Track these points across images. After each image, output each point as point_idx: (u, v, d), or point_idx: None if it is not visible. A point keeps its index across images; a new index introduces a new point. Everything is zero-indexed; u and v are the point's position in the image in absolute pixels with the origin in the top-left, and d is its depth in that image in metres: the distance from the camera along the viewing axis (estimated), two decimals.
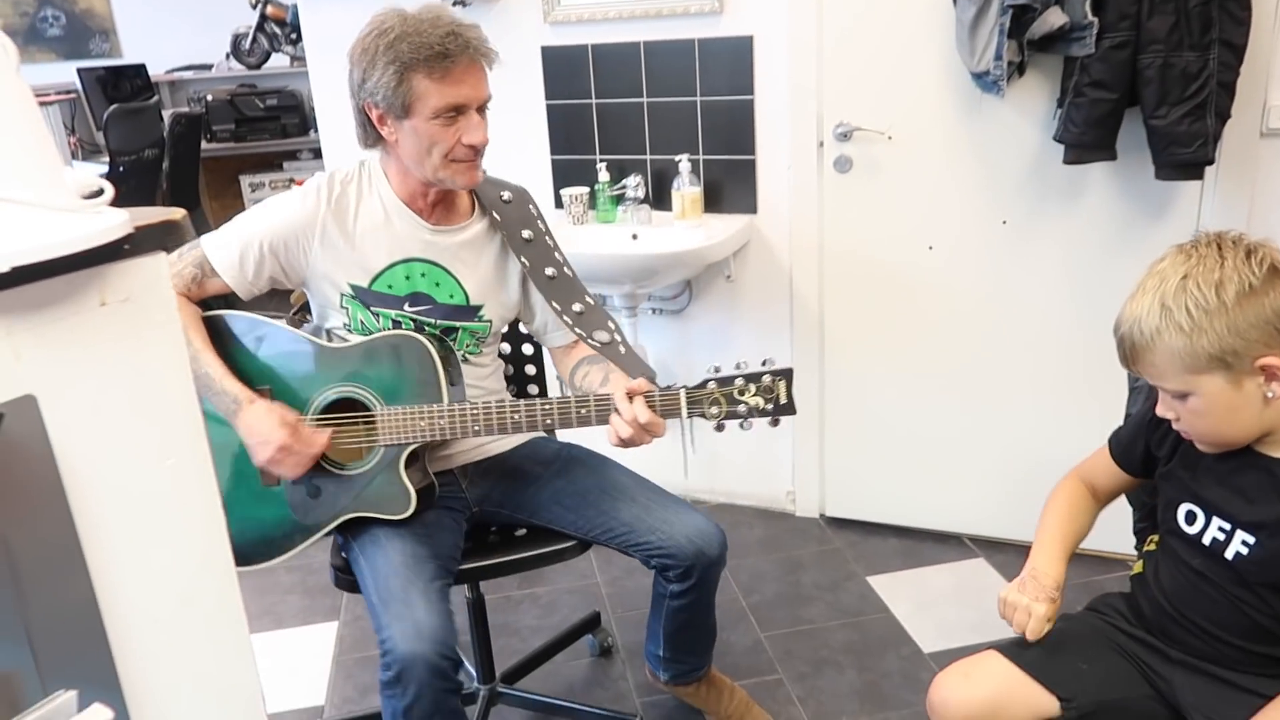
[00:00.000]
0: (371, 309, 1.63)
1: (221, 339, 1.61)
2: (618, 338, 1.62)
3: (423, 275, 1.64)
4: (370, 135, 1.58)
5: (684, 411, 1.46)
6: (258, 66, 5.38)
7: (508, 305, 1.73)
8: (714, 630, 1.82)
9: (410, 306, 1.64)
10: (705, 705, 1.92)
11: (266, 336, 1.61)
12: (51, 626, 0.74)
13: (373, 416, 1.56)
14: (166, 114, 4.80)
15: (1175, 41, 1.91)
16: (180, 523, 0.85)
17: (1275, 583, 1.14)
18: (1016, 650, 1.27)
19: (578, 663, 2.20)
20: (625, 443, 1.47)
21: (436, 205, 1.64)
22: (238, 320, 1.62)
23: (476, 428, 1.54)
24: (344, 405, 1.58)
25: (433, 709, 1.45)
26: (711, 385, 1.46)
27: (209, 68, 5.52)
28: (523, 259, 1.66)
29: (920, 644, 2.18)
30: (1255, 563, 1.15)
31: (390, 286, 1.63)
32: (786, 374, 1.46)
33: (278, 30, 5.19)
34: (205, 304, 1.64)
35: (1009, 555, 2.49)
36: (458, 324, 1.67)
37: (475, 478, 1.75)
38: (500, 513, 1.76)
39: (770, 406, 1.46)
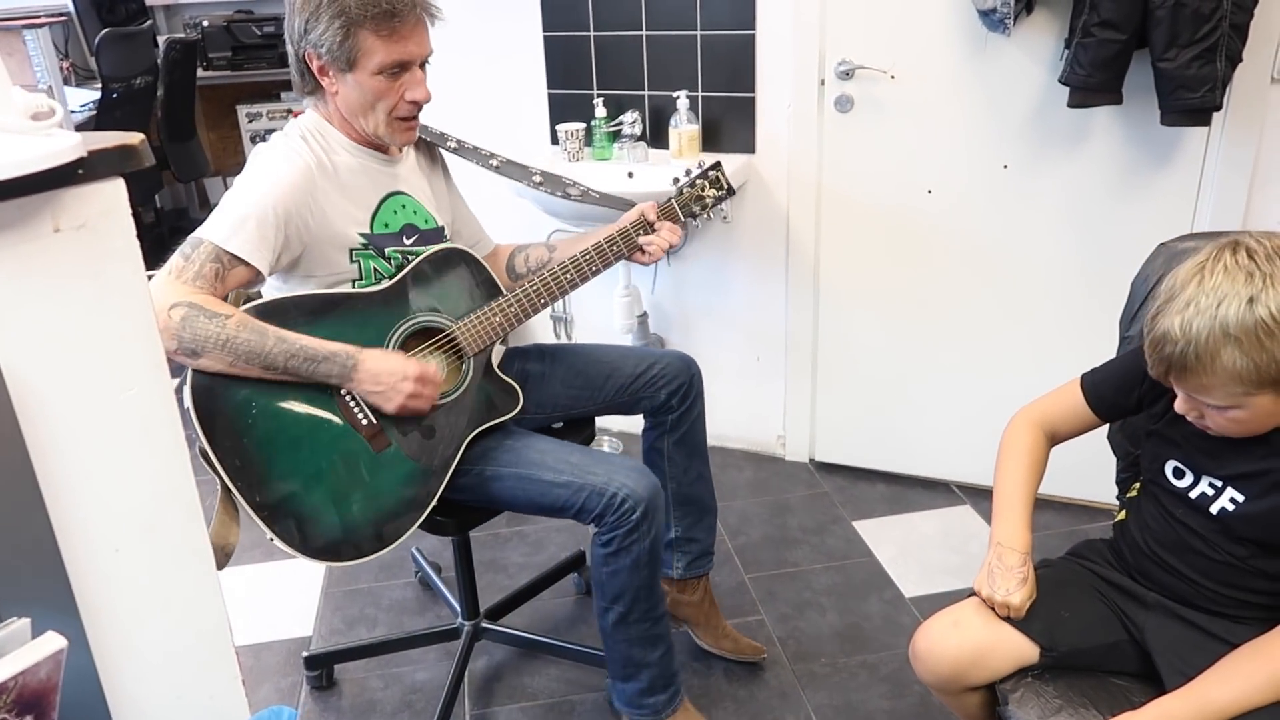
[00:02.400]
0: (385, 251, 1.60)
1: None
2: (583, 187, 1.84)
3: (403, 206, 1.65)
4: (309, 83, 1.54)
5: (681, 215, 1.74)
6: None
7: (459, 217, 1.83)
8: (714, 506, 1.96)
9: (407, 239, 1.64)
10: (704, 617, 1.98)
11: (310, 307, 1.50)
12: (3, 554, 0.74)
13: (451, 333, 1.59)
14: (161, 40, 4.70)
15: None
16: (142, 453, 0.85)
17: (1259, 538, 1.15)
18: None
19: (562, 600, 2.22)
20: (657, 252, 1.70)
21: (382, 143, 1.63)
22: (270, 307, 1.48)
23: (542, 300, 1.63)
24: (415, 339, 1.58)
25: (661, 546, 1.62)
26: (686, 190, 1.74)
27: None
28: (472, 161, 1.80)
29: (902, 588, 2.20)
30: (1240, 518, 1.16)
31: (387, 225, 1.62)
32: (717, 164, 1.78)
33: None
34: None
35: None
36: (436, 246, 1.67)
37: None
38: (531, 418, 1.82)
39: (723, 193, 1.78)
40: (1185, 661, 1.15)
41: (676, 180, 1.77)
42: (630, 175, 2.49)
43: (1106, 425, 1.40)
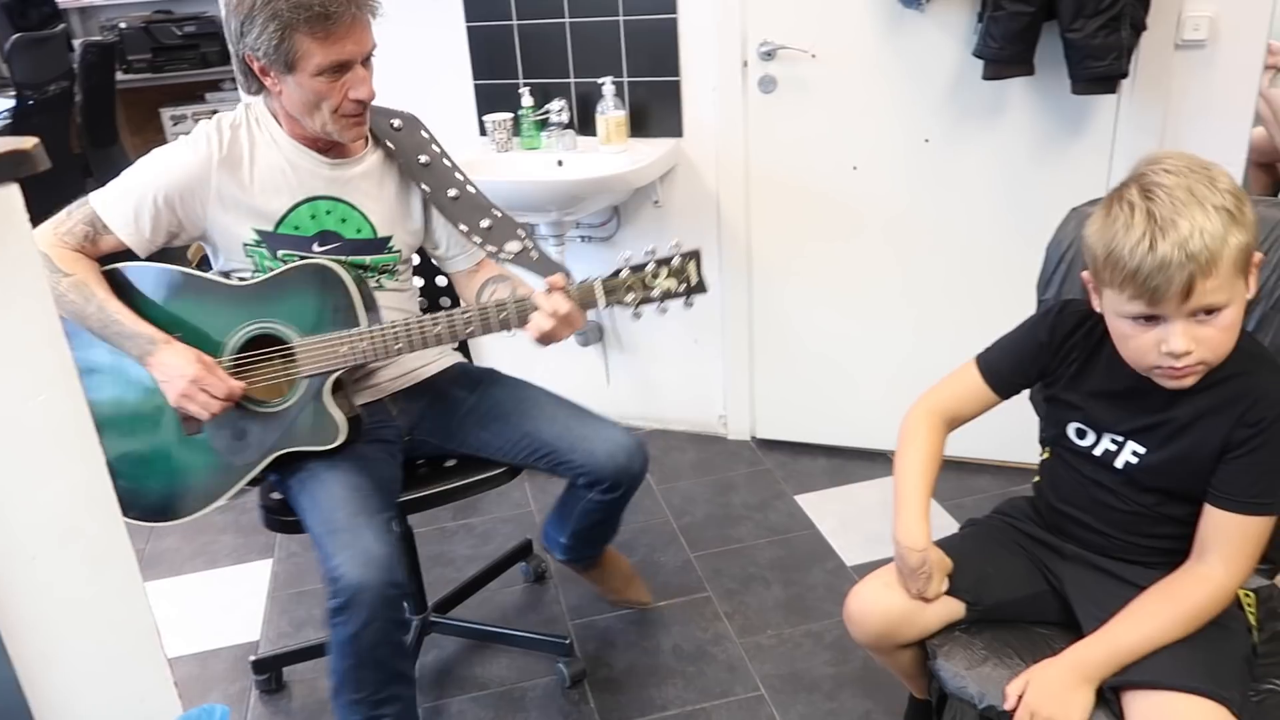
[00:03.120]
0: (278, 253, 1.59)
1: (124, 292, 1.56)
2: (529, 244, 1.63)
3: (328, 213, 1.61)
4: (253, 84, 1.54)
5: (601, 301, 1.49)
6: None
7: (414, 233, 1.71)
8: (619, 525, 1.88)
9: (319, 246, 1.61)
10: (596, 578, 2.03)
11: (171, 283, 1.58)
12: None
13: (291, 349, 1.54)
14: (76, 43, 4.58)
15: None
16: (54, 459, 0.84)
17: (1163, 486, 1.20)
18: None
19: (511, 589, 2.23)
20: (547, 337, 1.48)
21: (332, 143, 1.59)
22: (139, 270, 1.57)
23: (398, 345, 1.53)
24: (260, 343, 1.56)
25: (380, 639, 1.47)
26: (625, 273, 1.48)
27: None
28: (423, 185, 1.65)
29: (844, 558, 2.24)
30: (1144, 470, 1.20)
31: (297, 228, 1.59)
32: (695, 254, 1.49)
33: None
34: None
35: None
36: (368, 257, 1.65)
37: (405, 405, 1.75)
38: (429, 442, 1.77)
39: (683, 288, 1.49)
40: (1101, 608, 1.20)
41: (628, 258, 1.50)
42: (560, 163, 2.49)
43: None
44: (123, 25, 5.00)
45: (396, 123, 1.68)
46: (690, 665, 1.96)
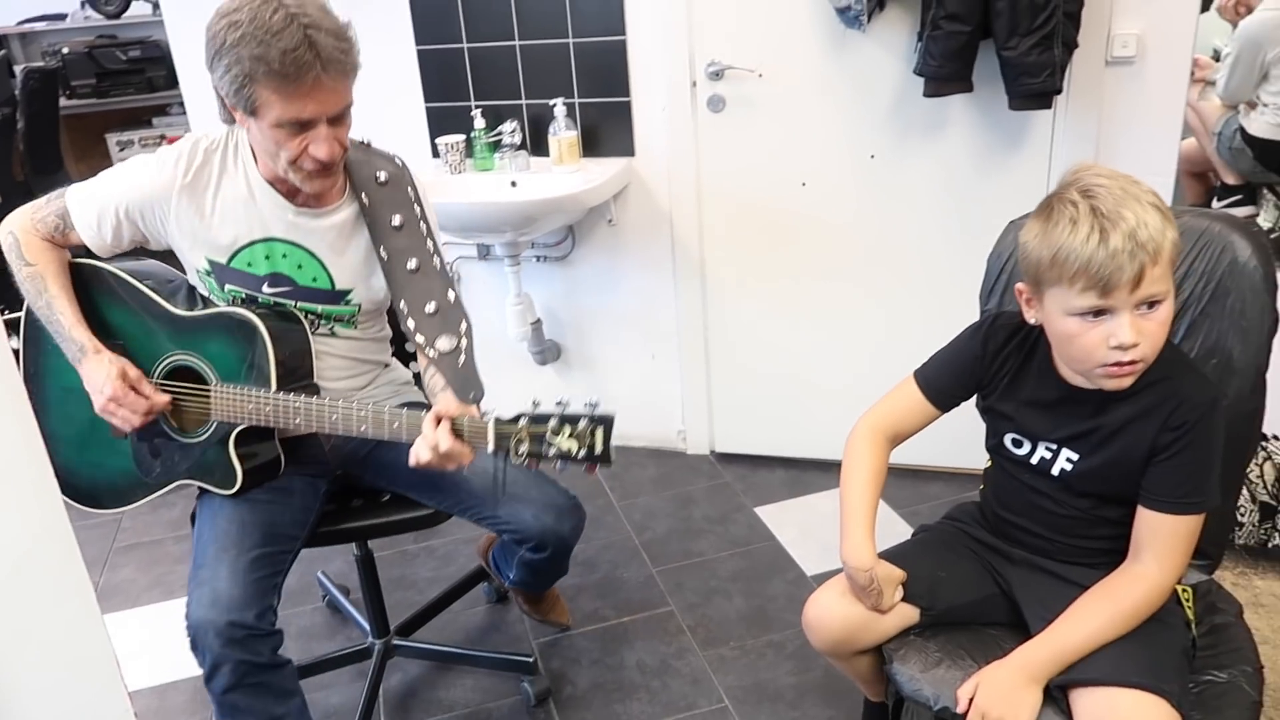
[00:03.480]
0: (226, 286, 1.58)
1: (87, 289, 1.61)
2: (462, 344, 1.54)
3: (284, 256, 1.57)
4: (226, 115, 1.50)
5: (490, 445, 1.37)
6: (117, 15, 5.07)
7: (378, 290, 1.64)
8: (567, 567, 1.81)
9: (270, 287, 1.58)
10: (526, 599, 2.08)
11: (127, 294, 1.61)
12: None
13: (208, 390, 1.54)
14: (18, 69, 4.50)
15: None
16: (8, 490, 0.83)
17: (1097, 491, 1.25)
18: None
19: (474, 610, 2.22)
20: (426, 466, 1.41)
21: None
22: (104, 273, 1.61)
23: (297, 420, 1.49)
24: (190, 373, 1.57)
25: (232, 682, 1.44)
26: (523, 422, 1.35)
27: (63, 18, 5.18)
28: (383, 251, 1.57)
29: (804, 568, 2.27)
30: (1079, 476, 1.25)
31: (250, 265, 1.56)
32: (606, 421, 1.32)
33: None
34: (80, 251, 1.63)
35: (889, 480, 2.58)
36: (320, 306, 1.61)
37: (338, 443, 1.72)
38: (363, 478, 1.75)
39: (583, 454, 1.33)
40: (1047, 608, 1.24)
41: (536, 404, 1.37)
42: (514, 184, 2.51)
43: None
44: (65, 51, 4.93)
45: (382, 176, 1.60)
46: (654, 680, 1.97)
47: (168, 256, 1.68)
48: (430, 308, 1.56)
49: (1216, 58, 3.62)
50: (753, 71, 2.37)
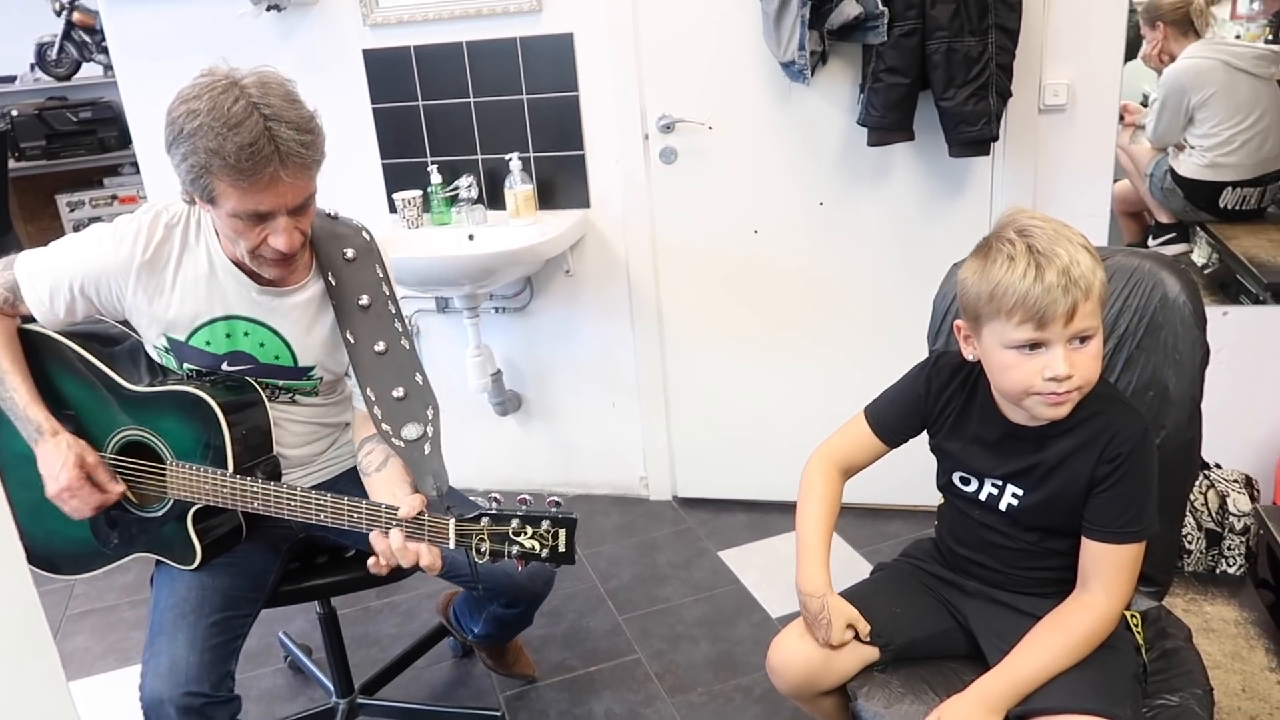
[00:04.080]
0: (184, 365, 1.55)
1: (39, 357, 1.56)
2: (429, 431, 1.50)
3: (245, 334, 1.54)
4: (187, 196, 1.44)
5: (451, 542, 1.38)
6: (68, 77, 5.06)
7: (342, 364, 1.61)
8: (531, 620, 1.83)
9: (229, 365, 1.55)
10: (490, 654, 2.05)
11: (79, 364, 1.56)
12: None
13: (164, 468, 1.51)
14: None
15: (957, 28, 2.07)
16: None
17: (1043, 524, 1.29)
18: None
19: (439, 666, 2.20)
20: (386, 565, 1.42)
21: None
22: (56, 343, 1.57)
23: (255, 504, 1.47)
24: (140, 449, 1.54)
25: None
26: (484, 521, 1.36)
27: (12, 80, 5.16)
28: (349, 335, 1.53)
29: (769, 610, 2.29)
30: (1025, 510, 1.30)
31: (208, 343, 1.53)
32: (569, 523, 1.34)
33: (87, 38, 4.90)
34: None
35: (848, 519, 2.62)
36: (281, 381, 1.60)
37: None
38: (328, 538, 1.71)
39: (545, 554, 1.35)
40: (1002, 639, 1.27)
41: (497, 500, 1.37)
42: (471, 238, 2.54)
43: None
44: (15, 113, 4.91)
45: (350, 253, 1.56)
46: None
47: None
48: (398, 393, 1.51)
49: (1145, 103, 3.78)
50: (703, 124, 2.44)
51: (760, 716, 1.96)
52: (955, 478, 1.36)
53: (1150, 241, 3.50)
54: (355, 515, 1.43)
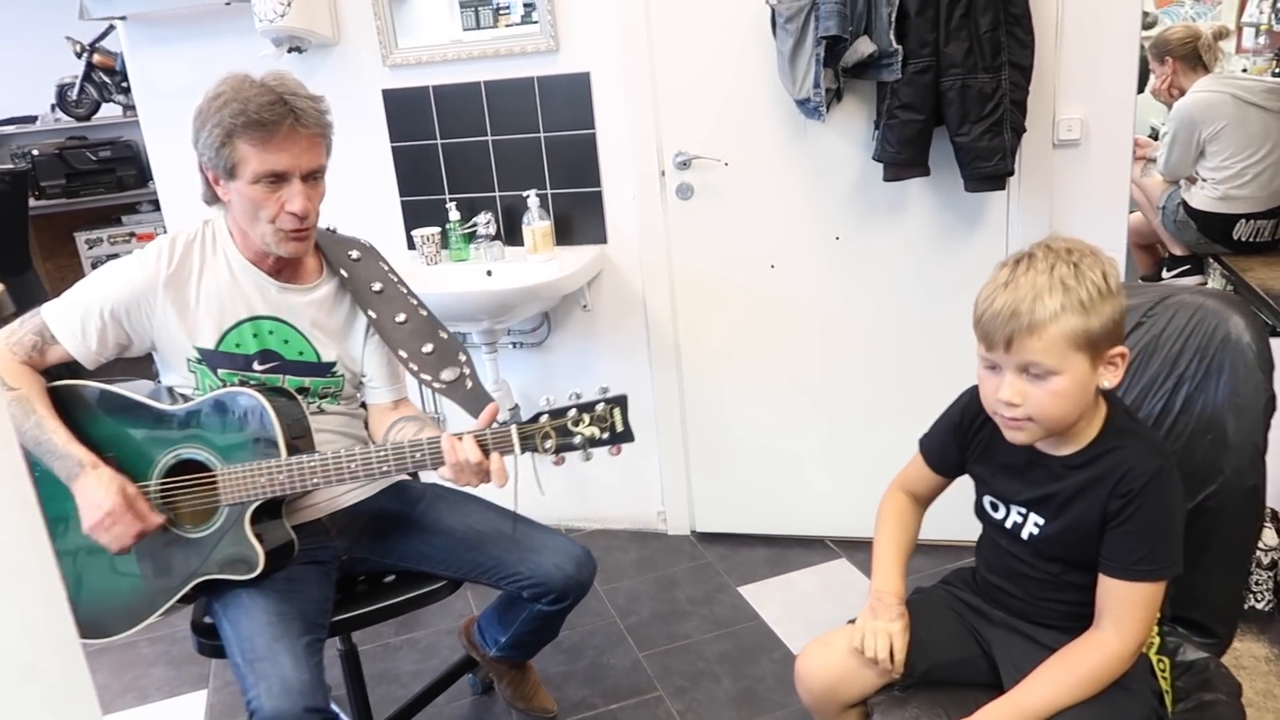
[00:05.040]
0: (218, 372, 1.61)
1: (65, 409, 1.57)
2: (466, 371, 1.63)
3: (270, 333, 1.63)
4: (209, 193, 1.59)
5: (517, 448, 1.45)
6: (87, 117, 5.14)
7: (357, 360, 1.72)
8: (559, 631, 1.88)
9: (259, 365, 1.63)
10: (510, 683, 2.05)
11: (108, 403, 1.59)
12: None
13: (214, 477, 1.54)
14: None
15: (971, 65, 2.09)
16: (16, 597, 0.84)
17: (1062, 555, 1.29)
18: None
19: (459, 703, 2.19)
20: (458, 480, 1.48)
21: (284, 266, 1.64)
22: (80, 390, 1.59)
23: (315, 480, 1.52)
24: (189, 466, 1.56)
25: None
26: (544, 419, 1.44)
27: (33, 120, 5.24)
28: (370, 312, 1.66)
29: (790, 646, 2.27)
30: (1046, 540, 1.29)
31: (238, 345, 1.61)
32: (620, 400, 1.44)
33: (107, 79, 4.98)
34: (51, 374, 1.60)
35: (867, 553, 2.57)
36: (308, 380, 1.67)
37: (343, 525, 1.74)
38: (370, 559, 1.76)
39: (606, 435, 1.43)
40: (1020, 669, 1.27)
41: (549, 400, 1.47)
42: (489, 274, 2.56)
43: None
44: (35, 153, 4.98)
45: (354, 254, 1.71)
46: None
47: (142, 367, 1.69)
48: (427, 348, 1.64)
49: (1154, 136, 3.82)
50: (719, 160, 2.47)
51: None
52: (986, 503, 1.37)
53: (1165, 274, 3.51)
54: (418, 454, 1.49)
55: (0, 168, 4.65)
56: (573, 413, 1.43)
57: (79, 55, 4.86)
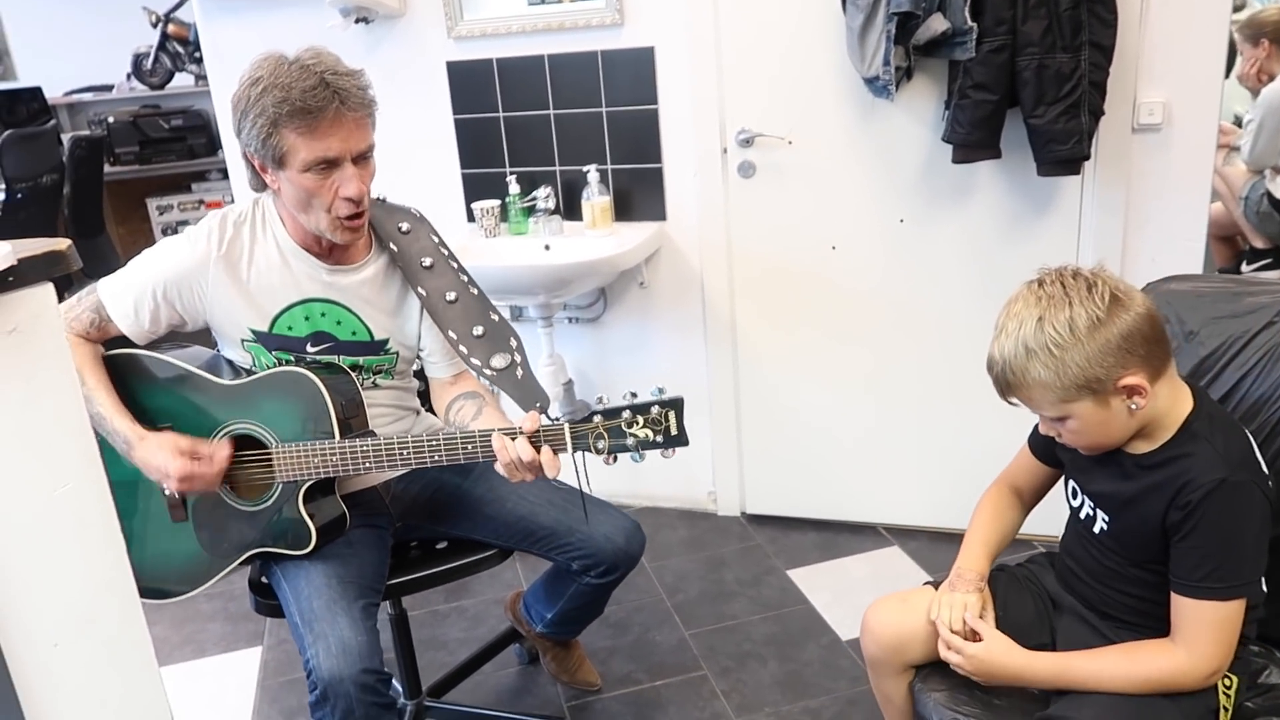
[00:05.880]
0: (273, 352, 1.62)
1: (123, 378, 1.60)
2: (517, 359, 1.59)
3: (323, 315, 1.62)
4: (256, 181, 1.56)
5: (569, 447, 1.43)
6: (161, 86, 5.27)
7: (411, 336, 1.71)
8: (605, 607, 1.89)
9: (313, 347, 1.62)
10: (554, 658, 2.07)
11: (166, 375, 1.60)
12: None
13: (269, 454, 1.55)
14: (66, 137, 4.67)
15: (1049, 44, 2.02)
16: (77, 548, 0.86)
17: (1127, 554, 1.26)
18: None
19: (505, 672, 2.21)
20: (514, 477, 1.46)
21: (334, 248, 1.61)
22: (140, 359, 1.61)
23: (367, 464, 1.52)
24: (245, 441, 1.58)
25: None
26: (597, 419, 1.41)
27: (109, 89, 5.38)
28: (420, 289, 1.63)
29: (839, 632, 2.25)
30: (1110, 536, 1.27)
31: (290, 328, 1.61)
32: (675, 404, 1.41)
33: (180, 49, 5.09)
34: (109, 344, 1.63)
35: (921, 542, 2.58)
36: (362, 358, 1.66)
37: (398, 493, 1.76)
38: (424, 526, 1.78)
39: (659, 439, 1.41)
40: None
41: (604, 400, 1.43)
42: (547, 248, 2.56)
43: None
44: (111, 120, 5.11)
45: (404, 226, 1.68)
46: None
47: (201, 337, 1.71)
48: (478, 331, 1.61)
49: (1237, 123, 3.67)
50: (783, 139, 2.43)
51: None
52: (1068, 488, 1.36)
53: (1245, 267, 3.39)
54: (470, 447, 1.47)
55: (77, 134, 4.78)
56: (626, 414, 1.41)
57: (154, 25, 4.97)
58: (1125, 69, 2.12)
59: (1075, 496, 1.34)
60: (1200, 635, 1.16)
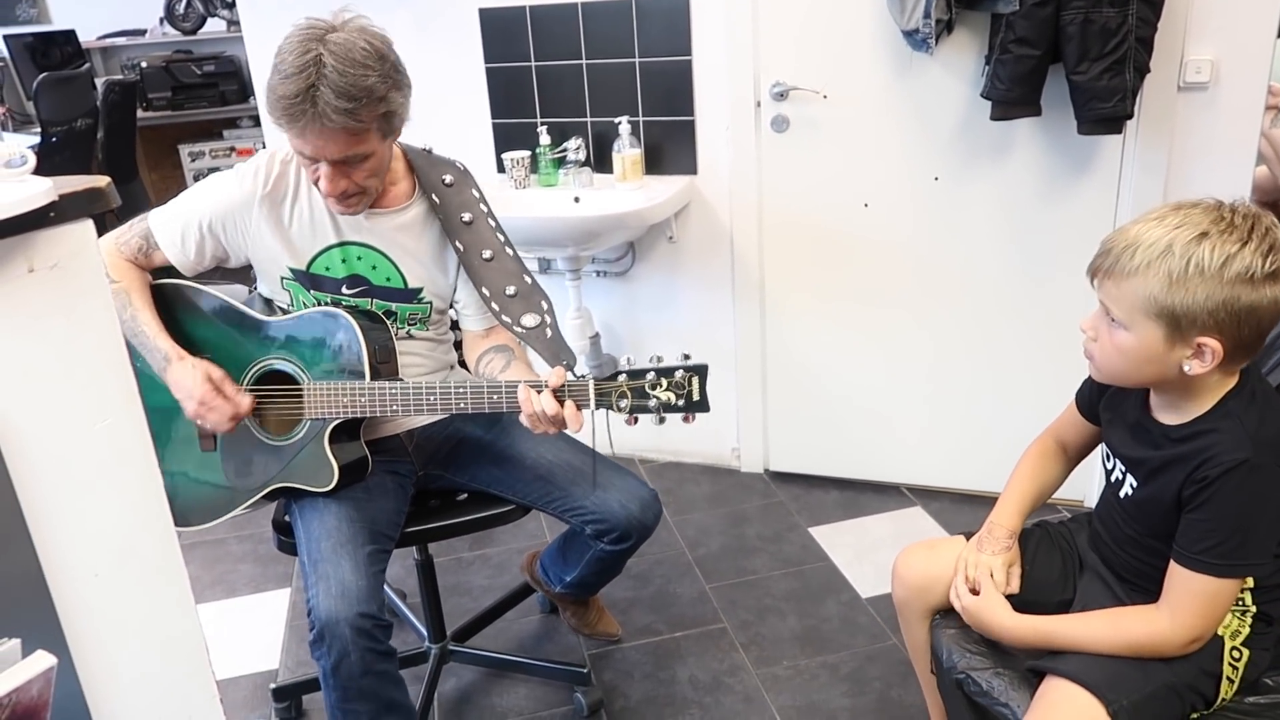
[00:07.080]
0: (312, 291, 1.65)
1: (168, 306, 1.65)
2: (547, 319, 1.61)
3: (359, 258, 1.65)
4: None
5: (592, 404, 1.44)
6: (193, 32, 5.27)
7: (445, 287, 1.72)
8: (622, 570, 1.89)
9: (348, 289, 1.65)
10: (574, 613, 2.12)
11: (209, 307, 1.65)
12: None
13: (300, 390, 1.58)
14: (99, 82, 4.68)
15: None
16: (116, 481, 0.88)
17: (1146, 524, 1.25)
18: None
19: (527, 619, 2.25)
20: (536, 429, 1.47)
21: None
22: (185, 290, 1.65)
23: (395, 408, 1.54)
24: (279, 377, 1.61)
25: (360, 670, 1.48)
26: (622, 378, 1.42)
27: (142, 33, 5.39)
28: (458, 244, 1.65)
29: (859, 590, 2.26)
30: (1135, 504, 1.27)
31: (328, 269, 1.64)
32: (700, 370, 1.42)
33: None
34: (160, 273, 1.67)
35: (944, 503, 2.58)
36: (395, 305, 1.68)
37: (421, 442, 1.78)
38: (444, 477, 1.80)
39: (681, 402, 1.43)
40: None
41: (630, 360, 1.44)
42: (577, 200, 2.55)
43: None
44: (144, 65, 5.12)
45: (448, 178, 1.69)
46: (707, 696, 1.97)
47: (242, 275, 1.75)
48: (510, 290, 1.63)
49: None
50: (818, 93, 2.39)
51: (846, 694, 1.94)
52: (1104, 450, 1.36)
53: None
54: (496, 397, 1.49)
55: (111, 78, 4.79)
56: (651, 376, 1.42)
57: None
58: (1173, 25, 2.06)
59: (1109, 459, 1.33)
60: (1186, 605, 1.16)
